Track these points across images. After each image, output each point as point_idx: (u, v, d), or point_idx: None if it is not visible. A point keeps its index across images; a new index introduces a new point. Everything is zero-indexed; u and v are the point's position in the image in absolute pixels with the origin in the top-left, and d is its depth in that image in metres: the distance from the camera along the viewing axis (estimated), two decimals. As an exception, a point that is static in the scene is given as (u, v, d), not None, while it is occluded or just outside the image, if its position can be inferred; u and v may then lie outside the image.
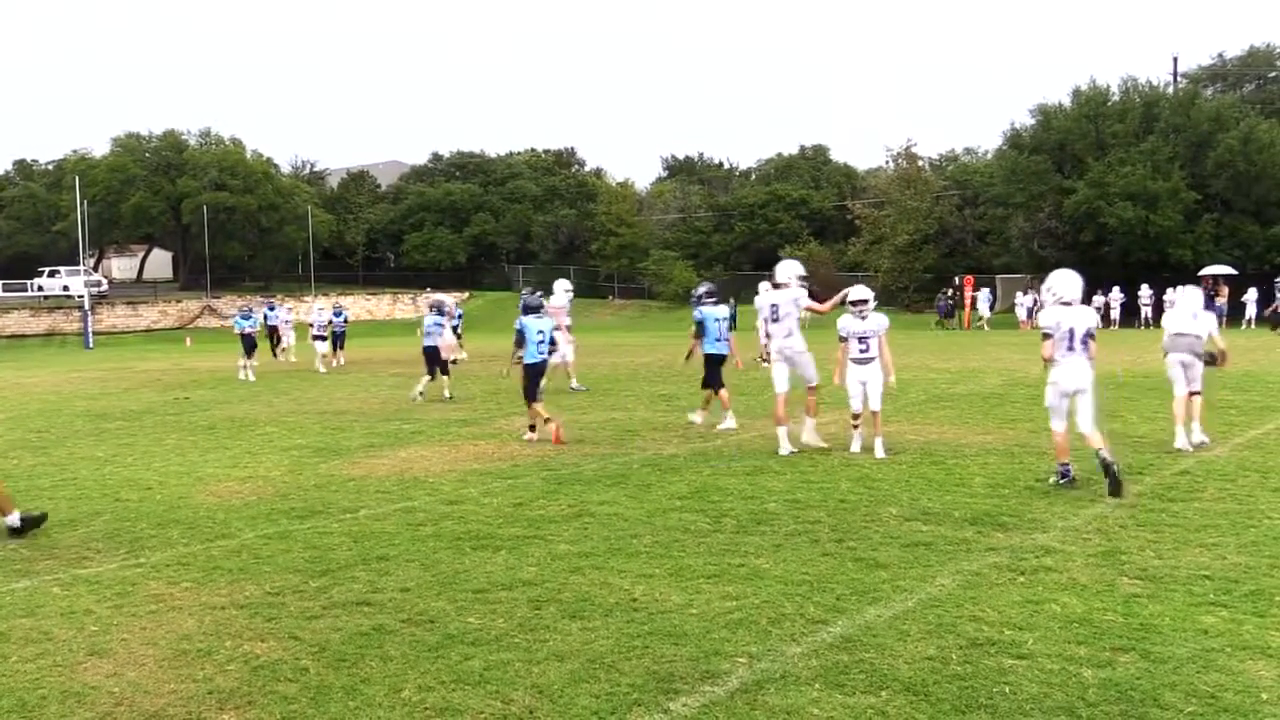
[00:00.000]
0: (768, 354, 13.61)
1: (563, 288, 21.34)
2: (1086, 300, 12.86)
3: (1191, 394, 11.76)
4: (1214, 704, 4.72)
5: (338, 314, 29.21)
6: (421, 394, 18.70)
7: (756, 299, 15.24)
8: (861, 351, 11.63)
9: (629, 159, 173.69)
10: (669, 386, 20.38)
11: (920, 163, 61.40)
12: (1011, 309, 49.11)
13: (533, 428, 13.57)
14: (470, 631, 5.98)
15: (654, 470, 11.02)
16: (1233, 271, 42.75)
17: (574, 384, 19.76)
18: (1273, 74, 57.69)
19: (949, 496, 9.25)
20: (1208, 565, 6.90)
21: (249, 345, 25.61)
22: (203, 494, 10.61)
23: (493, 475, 11.07)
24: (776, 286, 12.82)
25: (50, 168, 78.92)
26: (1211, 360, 11.98)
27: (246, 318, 26.49)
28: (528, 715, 4.82)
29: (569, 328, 20.39)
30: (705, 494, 9.67)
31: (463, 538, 8.24)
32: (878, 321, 11.73)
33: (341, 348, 28.94)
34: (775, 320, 12.47)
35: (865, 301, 11.71)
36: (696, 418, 14.47)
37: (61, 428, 16.84)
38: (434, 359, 19.13)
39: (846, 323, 11.82)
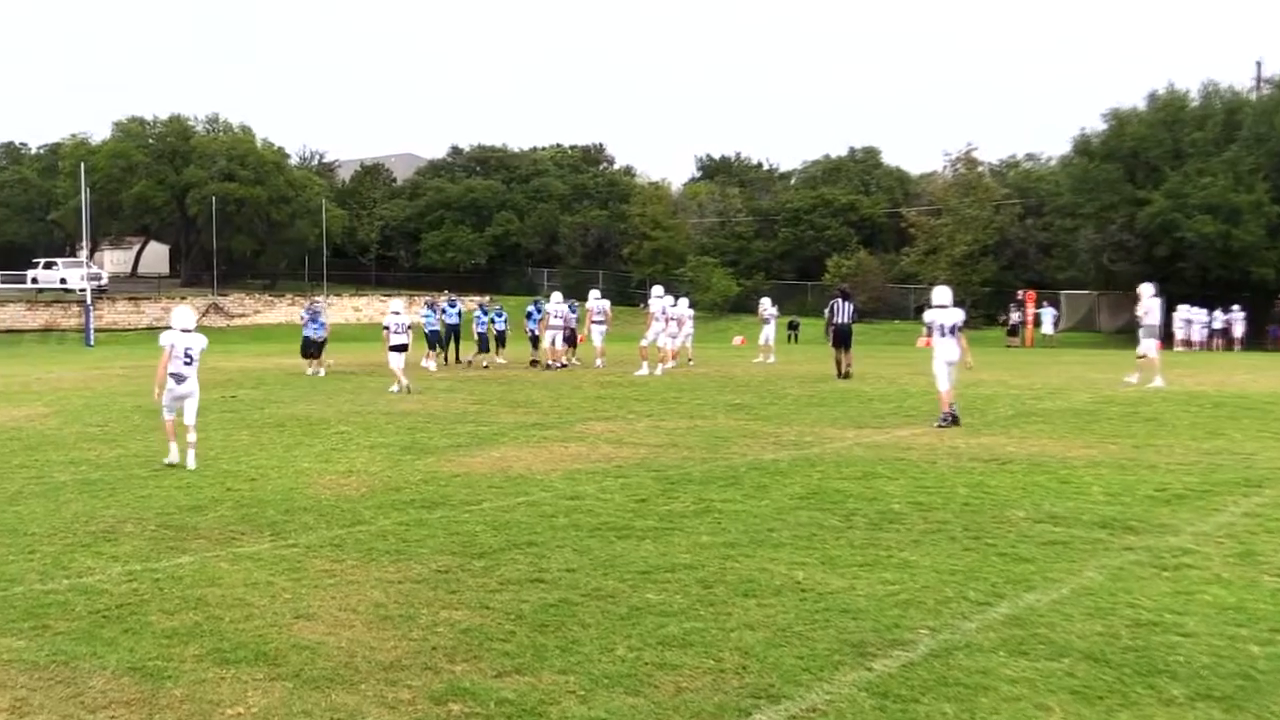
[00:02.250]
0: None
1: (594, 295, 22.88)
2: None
3: None
4: (1375, 675, 5.63)
5: (314, 318, 29.23)
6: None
7: (928, 314, 17.46)
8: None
9: (661, 157, 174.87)
10: (738, 396, 21.28)
11: (980, 168, 62.26)
12: (1079, 327, 49.76)
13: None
14: (653, 605, 6.92)
15: (763, 473, 11.95)
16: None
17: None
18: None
19: (1071, 502, 10.15)
20: (1343, 567, 7.78)
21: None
22: (312, 485, 11.58)
23: (600, 474, 12.02)
24: (940, 307, 16.77)
25: (43, 152, 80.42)
26: None
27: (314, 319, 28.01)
28: (740, 670, 5.75)
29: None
30: (824, 495, 10.60)
31: (601, 528, 9.18)
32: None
33: (318, 356, 28.68)
34: (943, 335, 16.54)
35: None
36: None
37: (120, 422, 17.86)
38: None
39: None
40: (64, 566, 8.16)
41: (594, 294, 31.65)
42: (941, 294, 16.95)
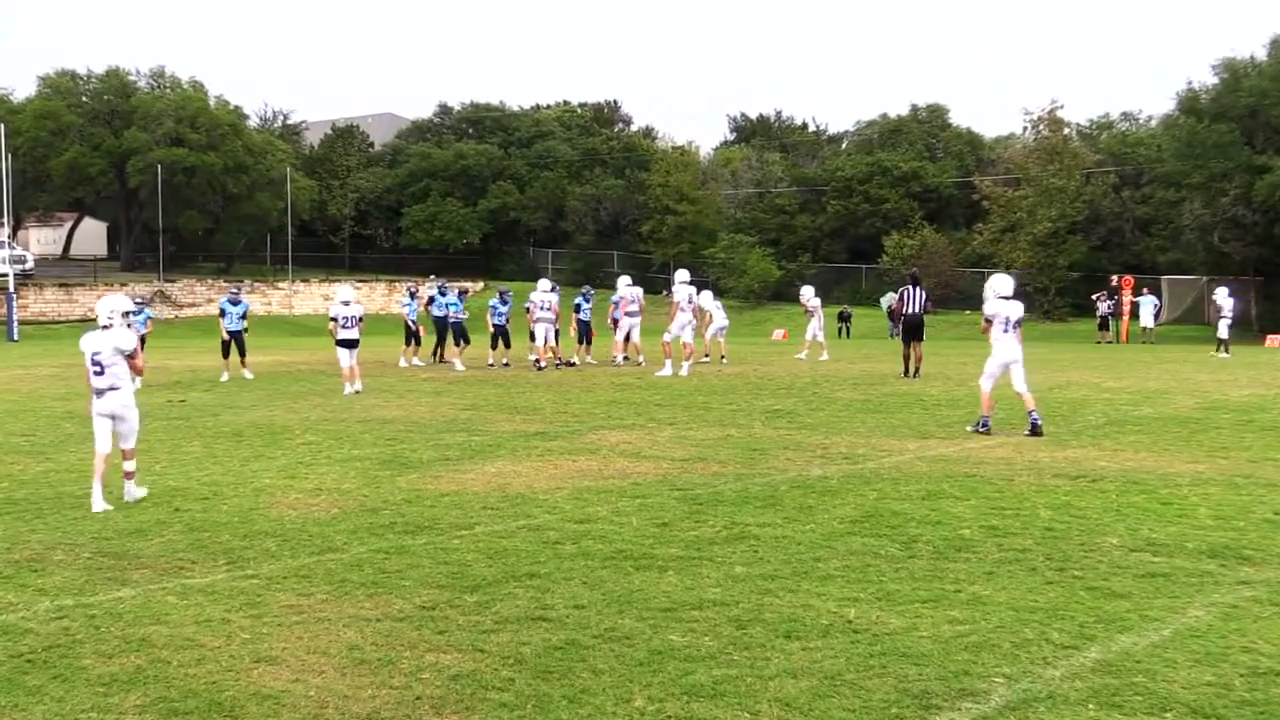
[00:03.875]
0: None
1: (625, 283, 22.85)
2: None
3: None
4: None
5: (235, 303, 28.65)
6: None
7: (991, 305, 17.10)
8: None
9: (687, 117, 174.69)
10: (778, 400, 21.29)
11: (1067, 130, 62.18)
12: (1184, 319, 49.49)
13: None
14: (678, 648, 6.93)
15: (807, 492, 11.97)
16: None
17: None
18: None
19: (1174, 528, 10.12)
20: None
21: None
22: (274, 506, 11.63)
23: (614, 494, 12.05)
24: (1004, 298, 17.04)
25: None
26: None
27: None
28: (781, 726, 5.76)
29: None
30: (880, 518, 10.60)
31: (616, 557, 9.21)
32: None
33: (243, 352, 28.08)
34: (1005, 330, 16.87)
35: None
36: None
37: (49, 430, 17.99)
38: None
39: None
40: (-17, 601, 8.22)
41: (624, 281, 31.82)
42: (1004, 283, 17.22)
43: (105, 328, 11.77)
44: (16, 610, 7.96)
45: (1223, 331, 37.45)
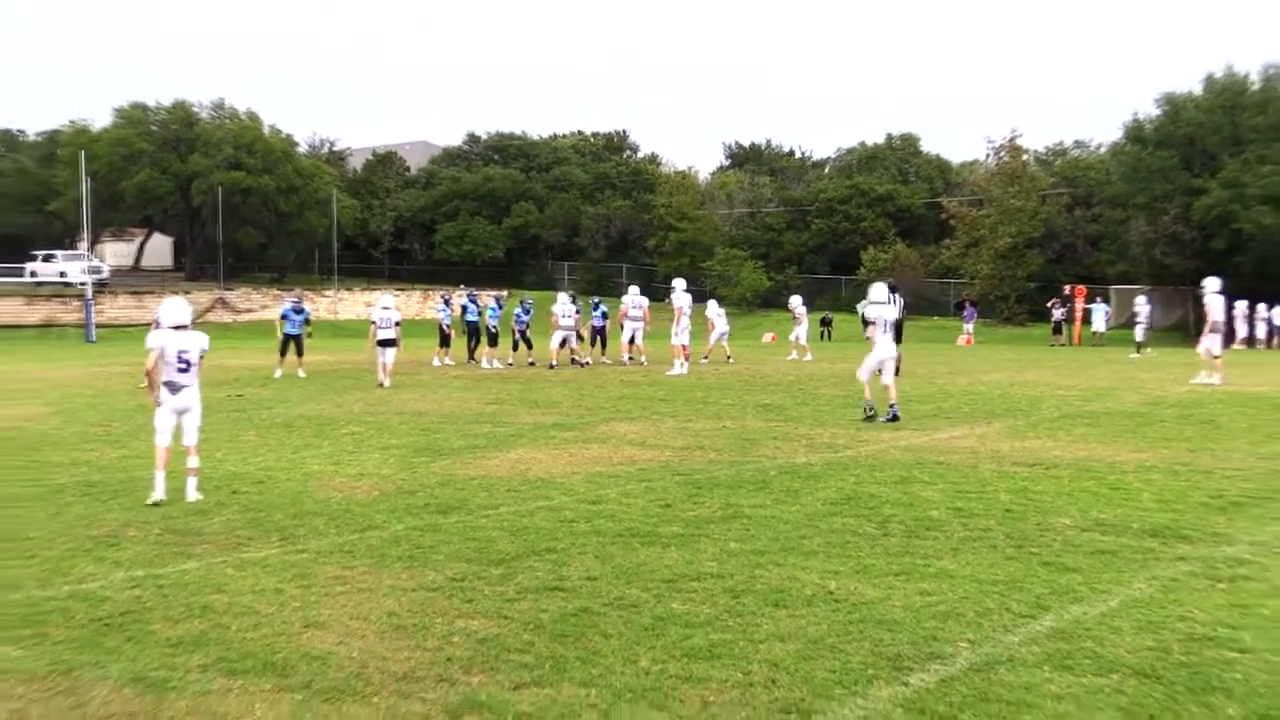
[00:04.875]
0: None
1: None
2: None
3: None
4: None
5: (299, 311, 28.38)
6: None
7: (872, 310, 17.81)
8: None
9: (687, 145, 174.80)
10: (769, 396, 21.28)
11: (1025, 156, 61.88)
12: (1130, 324, 49.38)
13: None
14: (678, 615, 6.94)
15: (794, 477, 11.96)
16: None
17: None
18: None
19: (1120, 510, 10.12)
20: None
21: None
22: (322, 488, 11.64)
23: (622, 478, 12.04)
24: (881, 303, 17.63)
25: (41, 139, 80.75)
26: None
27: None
28: (770, 684, 5.76)
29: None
30: (858, 500, 10.60)
31: (624, 534, 9.21)
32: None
33: (300, 353, 27.77)
34: (885, 331, 17.36)
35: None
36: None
37: (123, 421, 17.97)
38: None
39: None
40: (64, 572, 8.23)
41: (634, 290, 31.82)
42: (881, 291, 18.02)
43: (179, 328, 11.11)
44: (95, 580, 7.98)
45: (1139, 335, 37.78)
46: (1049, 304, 50.36)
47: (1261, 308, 44.23)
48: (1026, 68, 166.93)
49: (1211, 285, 23.94)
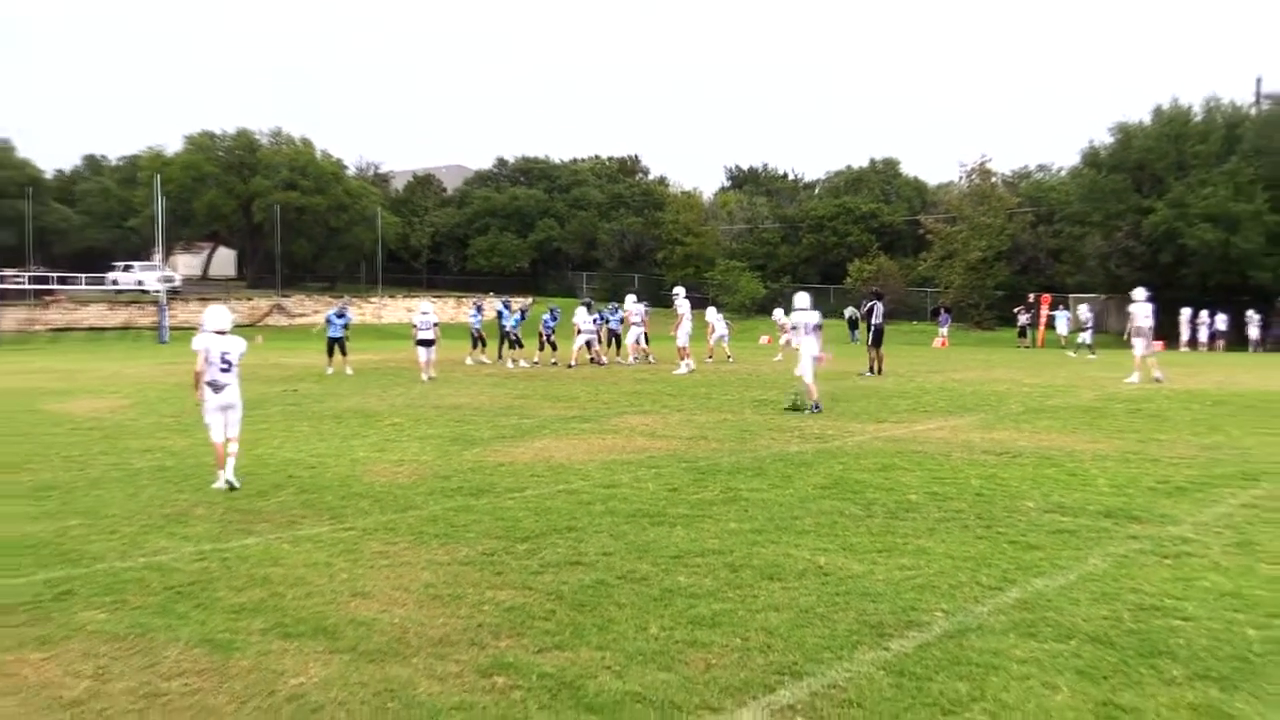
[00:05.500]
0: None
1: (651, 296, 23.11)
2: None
3: None
4: (1366, 659, 5.57)
5: (341, 316, 28.04)
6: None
7: (794, 316, 18.28)
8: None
9: (692, 168, 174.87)
10: (765, 392, 21.24)
11: (994, 179, 61.56)
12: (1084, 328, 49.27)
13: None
14: (683, 587, 6.93)
15: (787, 464, 11.94)
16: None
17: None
18: (1360, 97, 57.64)
19: (1077, 494, 10.08)
20: (1336, 557, 7.70)
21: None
22: (367, 473, 11.64)
23: (634, 465, 12.03)
24: (804, 310, 17.93)
25: (122, 164, 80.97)
26: None
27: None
28: (766, 649, 5.75)
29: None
30: (845, 485, 10.57)
31: (635, 515, 9.20)
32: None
33: (345, 353, 27.64)
34: (807, 334, 17.70)
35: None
36: None
37: (192, 413, 17.85)
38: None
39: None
40: (141, 546, 8.26)
41: (631, 298, 31.85)
42: (803, 299, 18.38)
43: (220, 333, 10.93)
44: (168, 553, 8.01)
45: (1086, 338, 37.78)
46: (1015, 310, 50.17)
47: (1203, 314, 44.14)
48: (996, 99, 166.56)
49: (1138, 295, 23.95)
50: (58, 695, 5.26)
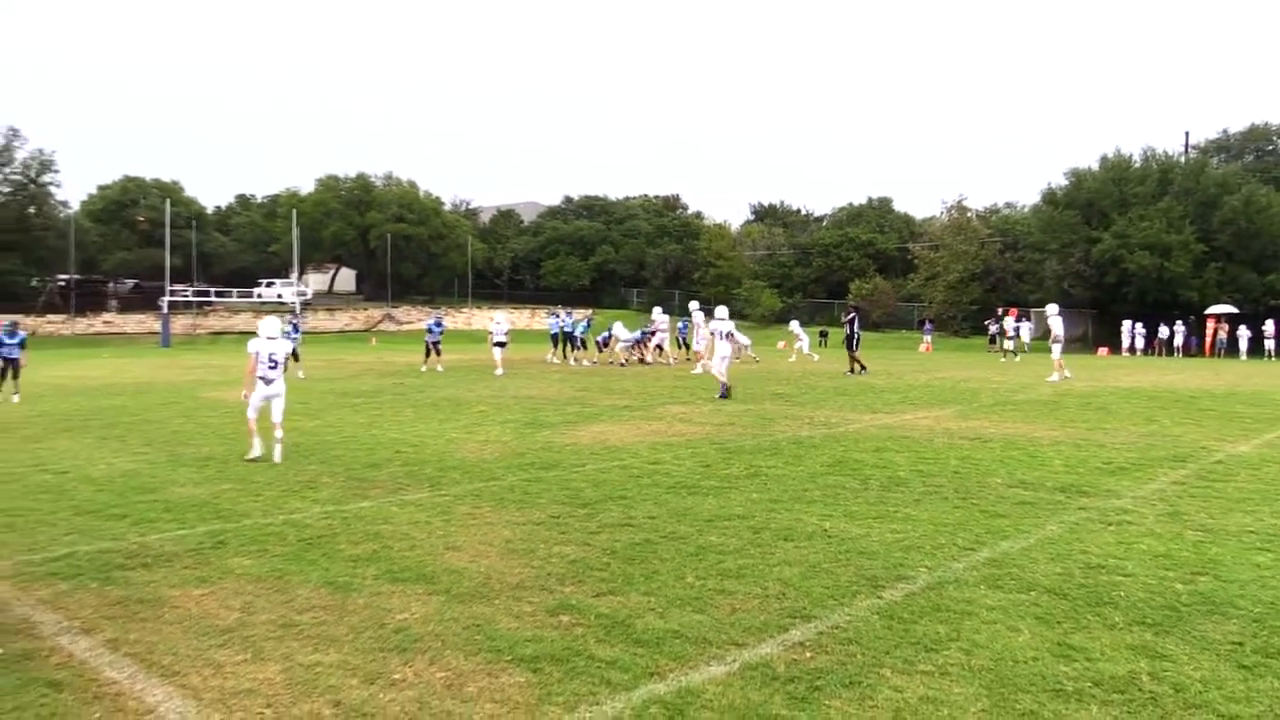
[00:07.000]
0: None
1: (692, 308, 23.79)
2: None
3: None
4: (1274, 608, 5.45)
5: (437, 324, 27.83)
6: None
7: (713, 324, 19.02)
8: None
9: (723, 204, 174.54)
10: (781, 387, 21.13)
11: (969, 214, 60.91)
12: (1045, 337, 48.60)
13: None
14: (714, 545, 6.91)
15: (799, 446, 11.86)
16: (1235, 310, 42.81)
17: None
18: (1270, 147, 56.91)
19: (1037, 472, 9.94)
20: (1251, 524, 7.55)
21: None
22: (458, 450, 11.70)
23: (675, 446, 12.00)
24: (722, 319, 18.75)
25: (266, 201, 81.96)
26: None
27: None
28: (781, 596, 5.72)
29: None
30: (846, 464, 10.49)
31: (675, 486, 9.18)
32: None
33: (439, 354, 27.48)
34: (722, 339, 18.52)
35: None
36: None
37: (318, 401, 18.18)
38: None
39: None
40: (279, 506, 8.36)
41: (657, 310, 31.79)
42: (722, 310, 19.53)
43: (271, 339, 11.06)
44: (301, 512, 8.10)
45: (1010, 345, 37.63)
46: (986, 322, 49.54)
47: (1140, 326, 43.79)
48: (972, 147, 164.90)
49: (1051, 310, 24.23)
50: (215, 623, 5.34)
